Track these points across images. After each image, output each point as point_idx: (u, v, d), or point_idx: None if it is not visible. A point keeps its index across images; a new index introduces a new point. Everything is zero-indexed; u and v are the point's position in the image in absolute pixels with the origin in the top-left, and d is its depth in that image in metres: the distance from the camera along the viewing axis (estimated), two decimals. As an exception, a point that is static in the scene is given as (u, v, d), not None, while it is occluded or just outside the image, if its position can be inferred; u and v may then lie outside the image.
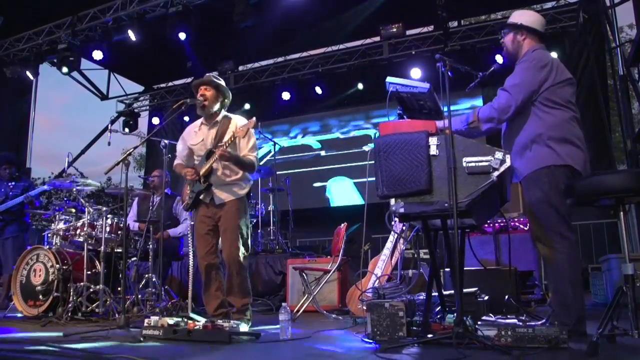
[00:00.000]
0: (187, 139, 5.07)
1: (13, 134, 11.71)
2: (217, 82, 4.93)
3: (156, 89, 14.57)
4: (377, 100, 11.57)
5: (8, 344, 3.63)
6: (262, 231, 8.68)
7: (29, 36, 10.94)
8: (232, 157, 4.65)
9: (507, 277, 4.99)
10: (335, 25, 11.05)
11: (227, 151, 4.56)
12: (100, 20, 10.05)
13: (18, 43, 11.06)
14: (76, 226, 6.01)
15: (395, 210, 3.40)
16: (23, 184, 7.36)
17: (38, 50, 10.87)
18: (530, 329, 3.13)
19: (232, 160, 4.68)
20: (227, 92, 5.02)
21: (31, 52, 10.93)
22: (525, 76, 3.67)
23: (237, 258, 4.65)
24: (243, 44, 11.44)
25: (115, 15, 9.86)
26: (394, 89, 3.69)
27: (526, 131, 3.66)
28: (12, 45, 11.11)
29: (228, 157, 4.60)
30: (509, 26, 3.97)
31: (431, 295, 3.77)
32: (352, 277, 6.43)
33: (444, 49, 10.31)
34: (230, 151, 4.64)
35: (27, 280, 5.83)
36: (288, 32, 11.12)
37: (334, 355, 3.34)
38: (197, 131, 5.01)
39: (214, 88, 4.90)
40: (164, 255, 6.06)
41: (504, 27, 4.03)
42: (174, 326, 3.91)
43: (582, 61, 10.10)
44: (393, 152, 3.38)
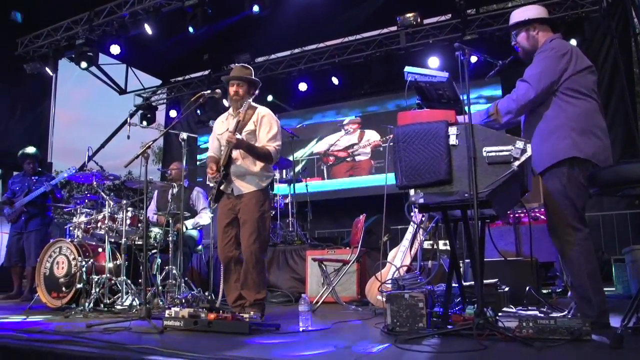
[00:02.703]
0: (216, 130, 5.08)
1: (34, 130, 11.82)
2: (252, 79, 4.93)
3: (173, 82, 14.61)
4: (394, 90, 11.50)
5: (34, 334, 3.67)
6: (281, 223, 8.68)
7: (48, 32, 11.01)
8: (242, 144, 4.63)
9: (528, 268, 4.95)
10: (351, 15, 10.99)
11: (234, 137, 4.54)
12: (117, 14, 10.09)
13: (37, 40, 11.14)
14: (97, 219, 6.06)
15: (415, 200, 3.38)
16: (45, 178, 7.45)
17: (57, 46, 10.94)
18: (552, 320, 3.09)
19: (243, 147, 4.66)
20: (258, 84, 5.02)
21: (50, 48, 11.00)
22: (545, 66, 3.59)
23: (253, 251, 4.61)
24: (259, 35, 11.41)
25: (132, 9, 9.89)
26: (412, 78, 3.66)
27: (547, 122, 3.60)
28: (31, 42, 11.20)
29: (237, 144, 4.59)
30: (518, 26, 3.88)
31: (451, 286, 3.75)
32: (371, 268, 6.41)
33: (462, 38, 10.19)
34: (240, 138, 4.61)
35: (51, 272, 5.90)
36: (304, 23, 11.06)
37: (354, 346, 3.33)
38: (224, 121, 5.01)
39: (247, 83, 4.90)
40: (183, 246, 6.09)
41: (512, 29, 3.93)
42: (194, 317, 3.94)
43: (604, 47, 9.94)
44: (412, 142, 3.35)
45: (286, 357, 2.79)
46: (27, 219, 7.27)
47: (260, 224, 4.67)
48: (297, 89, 12.56)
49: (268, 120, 4.83)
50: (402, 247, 5.65)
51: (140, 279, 5.63)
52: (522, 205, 5.27)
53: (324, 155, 12.92)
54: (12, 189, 7.53)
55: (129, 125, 6.39)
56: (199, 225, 6.92)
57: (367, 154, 12.42)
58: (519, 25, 3.87)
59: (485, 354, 2.80)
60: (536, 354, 2.76)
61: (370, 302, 5.64)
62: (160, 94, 14.89)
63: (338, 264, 6.08)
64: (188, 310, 4.04)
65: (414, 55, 11.14)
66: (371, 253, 6.85)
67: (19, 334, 3.69)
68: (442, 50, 10.75)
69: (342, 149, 12.74)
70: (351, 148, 12.64)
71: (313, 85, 12.51)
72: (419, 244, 5.60)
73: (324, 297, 5.86)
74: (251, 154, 4.72)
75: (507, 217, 6.27)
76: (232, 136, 4.55)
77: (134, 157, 4.70)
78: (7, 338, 3.53)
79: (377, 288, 5.30)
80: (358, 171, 12.49)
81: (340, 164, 12.75)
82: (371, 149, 12.34)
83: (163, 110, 14.91)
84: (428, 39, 11.06)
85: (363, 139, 12.53)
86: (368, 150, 12.41)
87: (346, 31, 12.03)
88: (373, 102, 12.62)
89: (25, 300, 6.63)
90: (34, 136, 11.58)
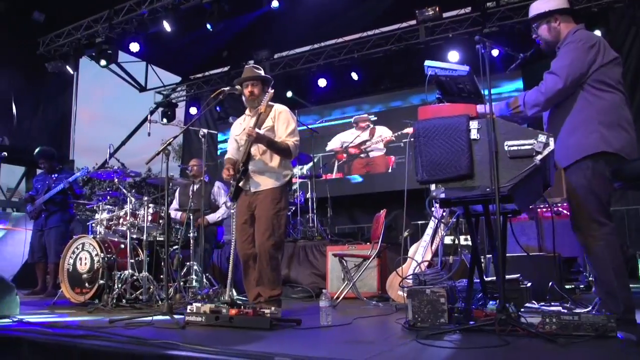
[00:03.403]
0: (233, 132, 5.12)
1: (56, 128, 11.97)
2: (264, 77, 4.97)
3: (193, 80, 14.69)
4: (414, 85, 11.45)
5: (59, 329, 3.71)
6: (301, 218, 8.70)
7: (69, 31, 11.13)
8: (262, 138, 4.65)
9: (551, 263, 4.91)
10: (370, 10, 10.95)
11: (253, 131, 4.56)
12: (136, 12, 10.16)
13: (58, 39, 11.26)
14: (119, 215, 6.12)
15: (436, 195, 3.36)
16: (65, 175, 7.51)
17: (77, 45, 11.05)
18: (575, 316, 3.06)
19: (263, 141, 4.67)
20: (271, 81, 5.04)
21: (71, 47, 11.12)
22: (573, 58, 3.49)
23: (267, 249, 4.61)
24: (278, 31, 11.42)
25: (151, 7, 9.95)
26: (432, 72, 3.63)
27: (574, 115, 3.52)
28: (52, 41, 11.32)
29: (257, 137, 4.60)
30: (539, 18, 3.78)
31: (473, 281, 3.72)
32: (391, 263, 6.40)
33: (482, 31, 10.09)
34: (260, 132, 4.63)
35: (74, 268, 5.95)
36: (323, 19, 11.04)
37: (375, 342, 3.33)
38: (242, 123, 5.05)
39: (260, 82, 4.93)
40: (204, 242, 6.12)
41: (533, 22, 3.84)
42: (216, 313, 3.96)
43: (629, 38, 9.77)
44: (433, 136, 3.33)
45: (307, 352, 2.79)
46: (47, 216, 7.35)
47: (275, 222, 4.67)
48: (316, 85, 12.55)
49: (285, 116, 4.86)
50: (423, 243, 5.62)
51: (162, 274, 5.68)
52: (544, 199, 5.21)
53: (338, 153, 12.90)
54: (35, 187, 7.66)
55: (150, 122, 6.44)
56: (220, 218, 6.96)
57: (380, 149, 12.39)
58: (539, 17, 3.79)
59: (507, 350, 2.77)
60: (560, 351, 2.74)
61: (391, 298, 5.62)
62: (180, 91, 14.98)
63: (358, 260, 6.06)
64: (209, 306, 4.07)
65: (433, 49, 11.05)
66: (392, 248, 6.83)
67: (44, 328, 3.74)
68: (461, 44, 10.66)
69: (355, 146, 12.73)
70: (364, 145, 12.62)
71: (332, 80, 12.50)
72: (440, 239, 5.58)
73: (344, 292, 5.85)
74: (271, 148, 4.74)
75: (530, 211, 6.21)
76: (252, 130, 4.58)
77: (155, 154, 4.72)
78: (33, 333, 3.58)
79: (398, 283, 5.29)
80: (374, 167, 12.47)
81: (354, 160, 12.73)
82: (384, 145, 12.30)
83: (183, 107, 15.01)
84: (448, 32, 10.97)
85: (375, 135, 12.51)
86: (381, 146, 12.38)
87: (365, 26, 11.97)
88: (393, 97, 12.56)
89: (49, 296, 6.70)
90: (56, 134, 11.74)
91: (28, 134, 11.13)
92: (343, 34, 12.35)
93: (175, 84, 15.01)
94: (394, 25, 11.82)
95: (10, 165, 11.32)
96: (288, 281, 7.19)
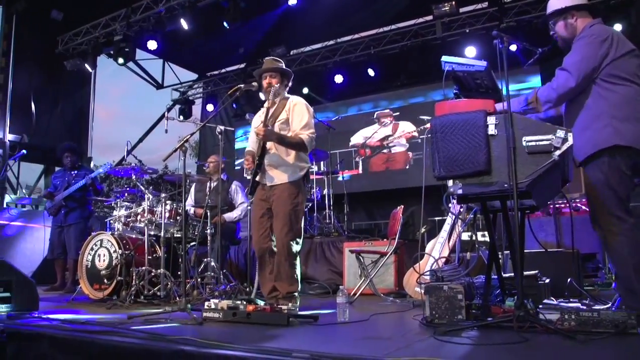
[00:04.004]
0: (253, 124, 5.12)
1: (74, 125, 12.07)
2: (283, 69, 4.97)
3: (209, 77, 14.74)
4: (431, 81, 11.39)
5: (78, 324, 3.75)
6: (318, 215, 8.70)
7: (87, 30, 11.22)
8: (272, 135, 4.65)
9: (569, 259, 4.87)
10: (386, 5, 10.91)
11: (263, 129, 4.56)
12: (154, 10, 10.20)
13: (76, 37, 11.36)
14: (137, 212, 6.16)
15: (453, 191, 3.35)
16: (84, 172, 7.58)
17: (95, 43, 11.13)
18: (595, 313, 3.03)
19: (273, 138, 4.67)
20: (291, 75, 5.04)
21: (89, 45, 11.20)
22: (585, 52, 3.48)
23: (285, 244, 4.61)
24: (294, 28, 11.43)
25: (168, 4, 9.99)
26: (450, 68, 3.61)
27: (588, 110, 3.50)
28: (71, 40, 11.42)
29: (265, 135, 4.60)
30: (555, 15, 3.75)
31: (491, 277, 3.70)
32: (408, 260, 6.38)
33: (499, 26, 10.02)
34: (270, 129, 4.63)
35: (92, 264, 6.01)
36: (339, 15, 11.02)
37: (392, 338, 3.32)
38: (260, 115, 5.04)
39: (279, 74, 4.92)
40: (221, 239, 6.15)
41: (550, 19, 3.81)
42: (233, 309, 3.97)
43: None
44: (450, 132, 3.32)
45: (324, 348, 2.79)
46: (66, 212, 7.40)
47: (292, 217, 4.66)
48: (332, 81, 12.52)
49: (300, 108, 4.83)
50: (440, 239, 5.61)
51: (179, 271, 5.71)
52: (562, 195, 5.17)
53: (360, 148, 12.87)
54: (54, 184, 7.71)
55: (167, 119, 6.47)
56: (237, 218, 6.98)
57: (402, 145, 12.33)
58: (556, 14, 3.76)
59: (526, 346, 2.76)
60: (579, 347, 2.71)
61: (408, 294, 5.62)
62: (196, 88, 15.04)
63: (375, 256, 6.06)
64: (227, 302, 4.08)
65: (450, 44, 10.98)
66: (409, 245, 6.81)
67: (64, 324, 3.78)
68: (478, 40, 10.58)
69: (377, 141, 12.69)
70: (386, 140, 12.58)
71: (349, 77, 12.46)
72: (458, 236, 5.56)
73: (361, 289, 5.85)
74: (282, 144, 4.73)
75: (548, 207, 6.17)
76: (260, 128, 4.58)
77: (172, 151, 4.75)
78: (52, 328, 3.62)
79: (416, 280, 5.28)
80: (393, 163, 12.41)
81: (376, 156, 12.69)
82: (406, 140, 12.25)
83: (200, 104, 15.07)
84: (464, 28, 10.90)
85: (397, 130, 12.46)
86: (403, 142, 12.32)
87: (381, 22, 11.93)
88: (410, 93, 12.50)
89: (68, 292, 6.77)
90: (74, 132, 11.84)
91: (47, 132, 11.25)
92: (359, 30, 12.31)
93: (192, 81, 15.08)
94: (410, 20, 11.76)
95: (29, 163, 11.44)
96: (305, 277, 7.19)
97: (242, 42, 12.43)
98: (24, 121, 10.86)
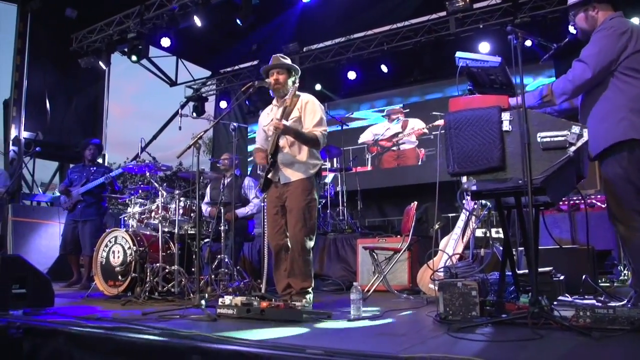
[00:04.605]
0: (261, 122, 5.12)
1: (89, 123, 12.14)
2: (289, 65, 4.96)
3: (222, 74, 14.75)
4: (444, 77, 11.35)
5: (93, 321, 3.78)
6: (331, 211, 8.71)
7: (101, 27, 11.25)
8: (289, 129, 4.64)
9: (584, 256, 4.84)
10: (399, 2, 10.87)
11: (280, 123, 4.57)
12: (167, 7, 10.21)
13: (90, 35, 11.40)
14: (151, 209, 6.19)
15: (467, 187, 3.34)
16: (103, 169, 7.65)
17: (109, 41, 11.16)
18: (610, 309, 3.01)
19: (291, 133, 4.67)
20: (298, 71, 5.03)
21: (103, 43, 11.23)
22: (602, 45, 3.45)
23: (299, 240, 4.62)
24: (307, 25, 11.42)
25: (181, 2, 10.00)
26: (464, 64, 3.59)
27: (605, 103, 3.47)
28: (85, 37, 11.46)
29: (283, 129, 4.60)
30: (576, 5, 3.72)
31: (505, 274, 3.69)
32: (422, 256, 6.37)
33: (513, 21, 9.94)
34: (286, 123, 4.64)
35: (107, 261, 6.05)
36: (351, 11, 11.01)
37: (406, 335, 3.32)
38: (269, 113, 5.05)
39: (286, 70, 4.92)
40: (235, 235, 6.16)
41: (570, 10, 3.78)
42: (247, 305, 3.99)
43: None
44: (464, 128, 3.30)
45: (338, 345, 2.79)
46: (83, 208, 7.42)
47: (306, 213, 4.67)
48: (346, 78, 12.48)
49: (312, 106, 4.84)
50: (454, 235, 5.59)
51: (193, 267, 5.73)
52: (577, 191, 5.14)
53: (371, 145, 12.86)
54: (70, 178, 7.71)
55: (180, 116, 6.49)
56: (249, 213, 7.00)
57: (412, 142, 12.30)
58: (577, 6, 3.72)
59: (541, 343, 2.74)
60: (594, 345, 2.70)
61: (422, 291, 5.61)
62: (210, 85, 15.06)
63: (389, 253, 6.05)
64: (241, 299, 4.10)
65: (464, 40, 10.92)
66: (422, 241, 6.80)
67: (79, 320, 3.80)
68: (492, 35, 10.51)
69: (387, 139, 12.66)
70: (396, 137, 12.55)
71: (362, 73, 12.42)
72: (471, 232, 5.54)
73: (375, 285, 5.85)
74: (299, 139, 4.73)
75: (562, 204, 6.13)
76: (279, 122, 4.58)
77: (186, 148, 4.77)
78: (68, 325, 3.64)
79: (429, 276, 5.27)
80: (404, 160, 12.39)
81: (386, 153, 12.66)
82: (416, 137, 12.22)
83: (213, 101, 15.10)
84: (478, 23, 10.81)
85: (407, 127, 12.43)
86: (413, 139, 12.29)
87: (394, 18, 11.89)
88: (423, 89, 12.46)
89: (83, 289, 6.81)
90: (88, 129, 11.90)
91: (61, 129, 11.34)
92: (372, 27, 12.28)
93: (205, 78, 15.10)
94: (423, 16, 11.70)
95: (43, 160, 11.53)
96: (318, 274, 7.21)
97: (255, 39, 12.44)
98: (38, 119, 10.94)
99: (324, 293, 6.72)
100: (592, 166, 3.81)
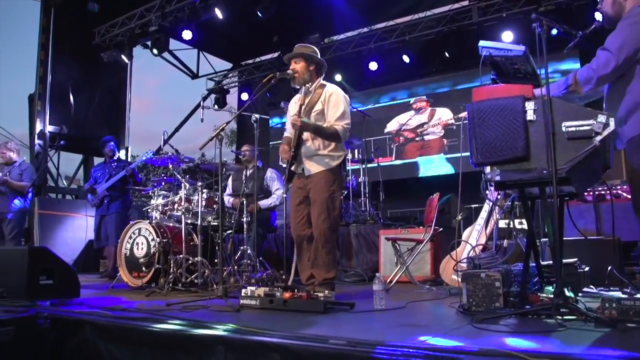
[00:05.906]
0: (290, 111, 5.11)
1: (112, 116, 12.25)
2: (307, 54, 4.91)
3: (244, 65, 14.77)
4: (467, 67, 11.24)
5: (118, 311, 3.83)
6: (354, 202, 8.70)
7: (122, 21, 11.32)
8: (307, 126, 4.64)
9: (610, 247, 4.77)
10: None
11: (298, 120, 4.57)
12: (188, 0, 10.25)
13: (112, 29, 11.47)
14: (174, 201, 6.24)
15: (491, 178, 3.31)
16: (123, 163, 7.79)
17: (131, 34, 11.22)
18: (637, 301, 2.97)
19: (309, 129, 4.67)
20: (317, 60, 4.97)
21: (125, 37, 11.31)
22: (628, 33, 3.34)
23: (323, 231, 4.62)
24: (328, 16, 11.37)
25: (202, -6, 10.03)
26: (487, 53, 3.55)
27: (632, 93, 3.38)
28: (107, 31, 11.54)
29: (302, 126, 4.60)
30: None
31: (529, 265, 3.66)
32: (445, 247, 6.34)
33: (537, 10, 9.79)
34: (305, 120, 4.62)
35: (131, 253, 6.12)
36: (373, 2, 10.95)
37: (429, 326, 3.31)
38: (297, 102, 5.03)
39: (304, 59, 4.90)
40: (258, 227, 6.19)
41: None
42: (270, 296, 4.01)
43: None
44: (488, 118, 3.27)
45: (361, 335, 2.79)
46: (109, 202, 7.61)
47: (329, 204, 4.67)
48: (367, 69, 12.40)
49: (335, 98, 4.79)
50: (477, 226, 5.56)
51: (216, 258, 5.77)
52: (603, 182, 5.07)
53: (395, 135, 12.80)
54: (94, 176, 7.94)
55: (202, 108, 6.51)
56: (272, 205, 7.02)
57: (437, 132, 12.19)
58: None
59: (565, 334, 2.73)
60: (619, 336, 2.67)
61: (445, 282, 5.59)
62: (231, 77, 15.09)
63: (411, 244, 6.04)
64: (264, 289, 4.12)
65: (486, 30, 10.78)
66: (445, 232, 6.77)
67: (104, 311, 3.86)
68: (516, 24, 10.36)
69: (411, 129, 12.58)
70: (421, 127, 12.45)
71: (383, 64, 12.31)
72: (495, 223, 5.50)
73: (397, 276, 5.85)
74: (319, 134, 4.73)
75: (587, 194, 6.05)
76: (296, 119, 4.59)
77: (208, 140, 4.79)
78: (94, 315, 3.70)
79: (452, 267, 5.25)
80: (428, 150, 12.29)
81: (409, 144, 12.59)
82: (442, 127, 12.12)
83: (235, 93, 15.14)
84: (501, 12, 10.67)
85: (434, 117, 12.32)
86: (439, 129, 12.19)
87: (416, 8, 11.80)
88: (446, 79, 12.34)
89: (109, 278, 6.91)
90: (111, 122, 12.03)
91: (85, 123, 11.46)
92: (394, 17, 12.19)
93: (226, 70, 15.13)
94: (445, 6, 11.59)
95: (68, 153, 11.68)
96: (341, 265, 7.22)
97: (276, 31, 12.44)
98: (62, 112, 11.07)
99: (347, 284, 6.74)
100: (618, 156, 3.74)
